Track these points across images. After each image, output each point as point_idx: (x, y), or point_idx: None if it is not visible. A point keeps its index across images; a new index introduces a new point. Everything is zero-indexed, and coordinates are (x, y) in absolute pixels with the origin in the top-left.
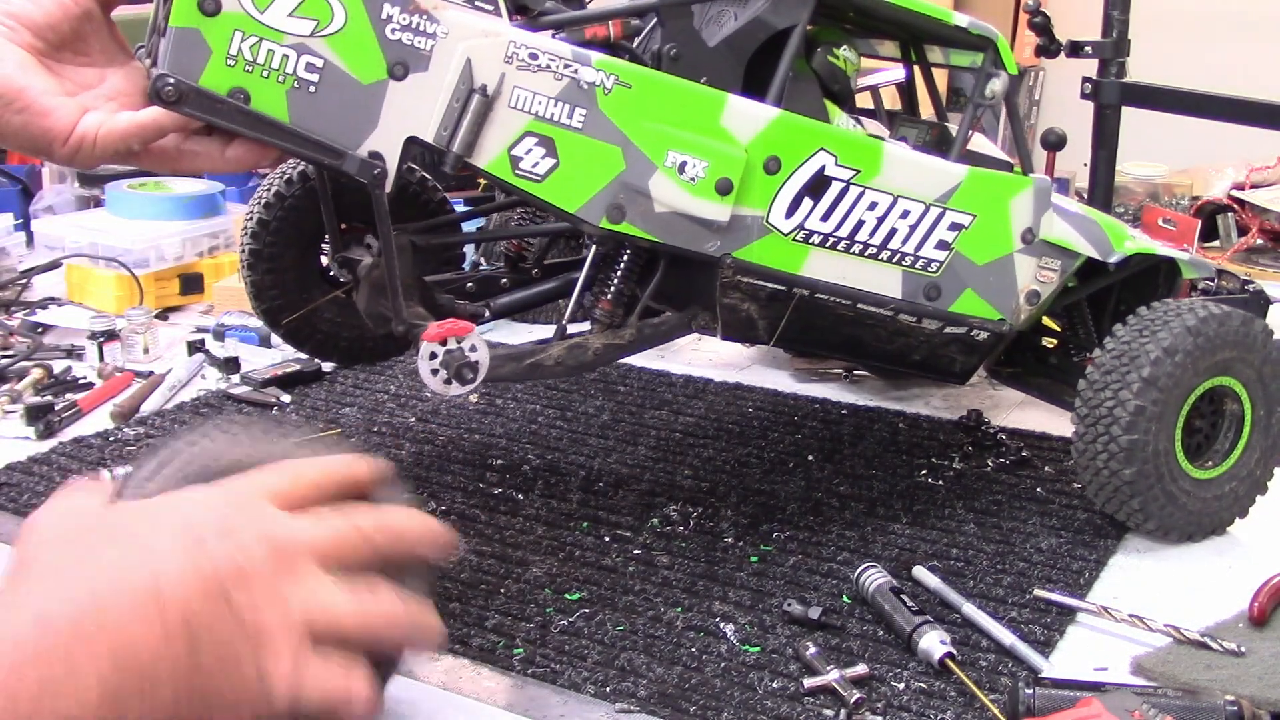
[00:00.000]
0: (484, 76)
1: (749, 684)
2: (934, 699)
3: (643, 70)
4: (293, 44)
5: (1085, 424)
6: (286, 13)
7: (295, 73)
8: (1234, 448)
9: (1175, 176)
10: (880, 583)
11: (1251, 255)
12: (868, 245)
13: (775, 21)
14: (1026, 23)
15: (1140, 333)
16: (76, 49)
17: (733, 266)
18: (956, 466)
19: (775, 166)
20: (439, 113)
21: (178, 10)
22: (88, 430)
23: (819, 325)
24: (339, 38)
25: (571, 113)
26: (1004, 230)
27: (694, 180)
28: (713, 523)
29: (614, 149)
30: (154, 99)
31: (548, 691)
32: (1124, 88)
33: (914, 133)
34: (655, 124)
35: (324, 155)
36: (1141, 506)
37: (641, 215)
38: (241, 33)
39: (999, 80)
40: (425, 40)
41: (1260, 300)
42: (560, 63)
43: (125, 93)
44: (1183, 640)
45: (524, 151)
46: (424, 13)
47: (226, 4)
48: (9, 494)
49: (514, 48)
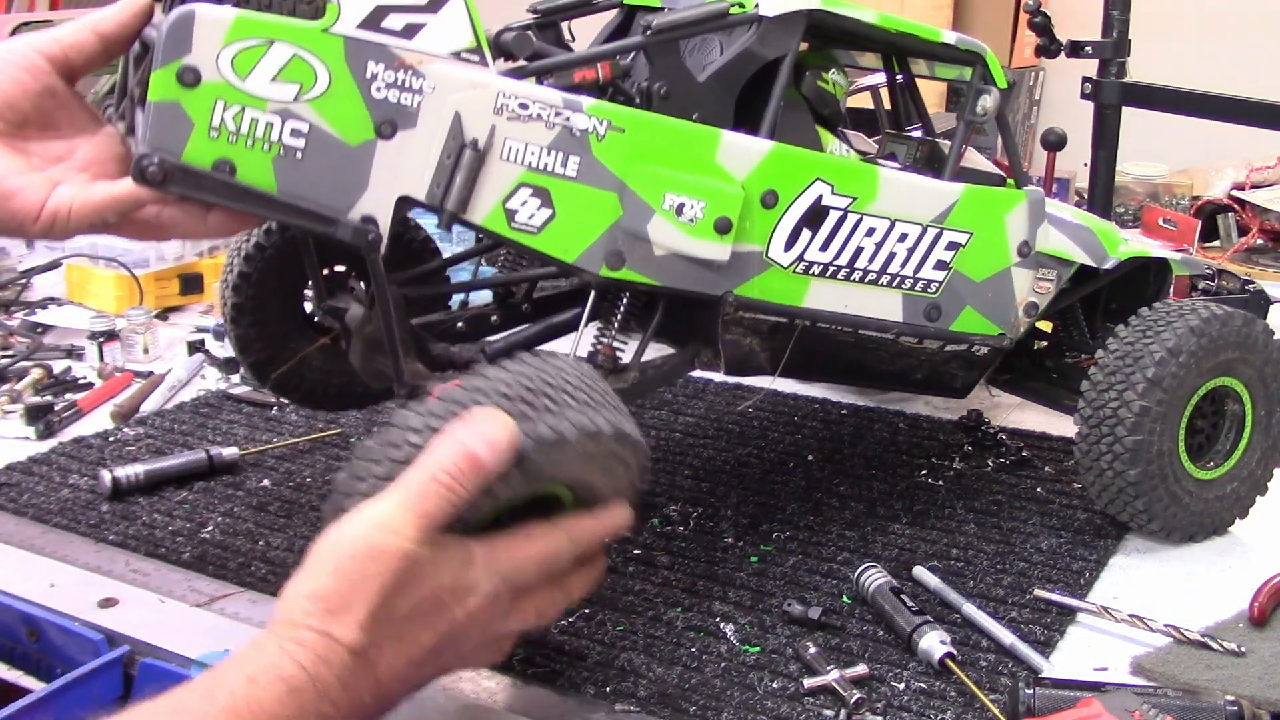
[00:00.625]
0: (474, 130)
1: (749, 684)
2: (934, 699)
3: (635, 113)
4: (277, 110)
5: (1089, 425)
6: (269, 79)
7: (280, 140)
8: (1235, 448)
9: (1175, 176)
10: (880, 583)
11: (1251, 255)
12: (868, 271)
13: (764, 53)
14: (1026, 23)
15: (1144, 333)
16: (41, 124)
17: (734, 304)
18: (956, 466)
19: (773, 200)
20: (430, 170)
21: (156, 84)
22: (88, 430)
23: (822, 353)
24: (323, 100)
25: (565, 161)
26: (1001, 245)
27: (692, 221)
28: (713, 523)
29: (610, 195)
30: (138, 180)
31: (548, 691)
32: (1124, 88)
33: (904, 149)
34: (651, 167)
35: (316, 224)
36: (1145, 507)
37: (641, 260)
38: (223, 102)
39: (990, 97)
40: (412, 96)
41: (1260, 300)
42: (551, 111)
43: (97, 161)
44: (1183, 640)
45: (519, 204)
46: (409, 69)
47: (206, 74)
48: (9, 494)
49: (503, 98)
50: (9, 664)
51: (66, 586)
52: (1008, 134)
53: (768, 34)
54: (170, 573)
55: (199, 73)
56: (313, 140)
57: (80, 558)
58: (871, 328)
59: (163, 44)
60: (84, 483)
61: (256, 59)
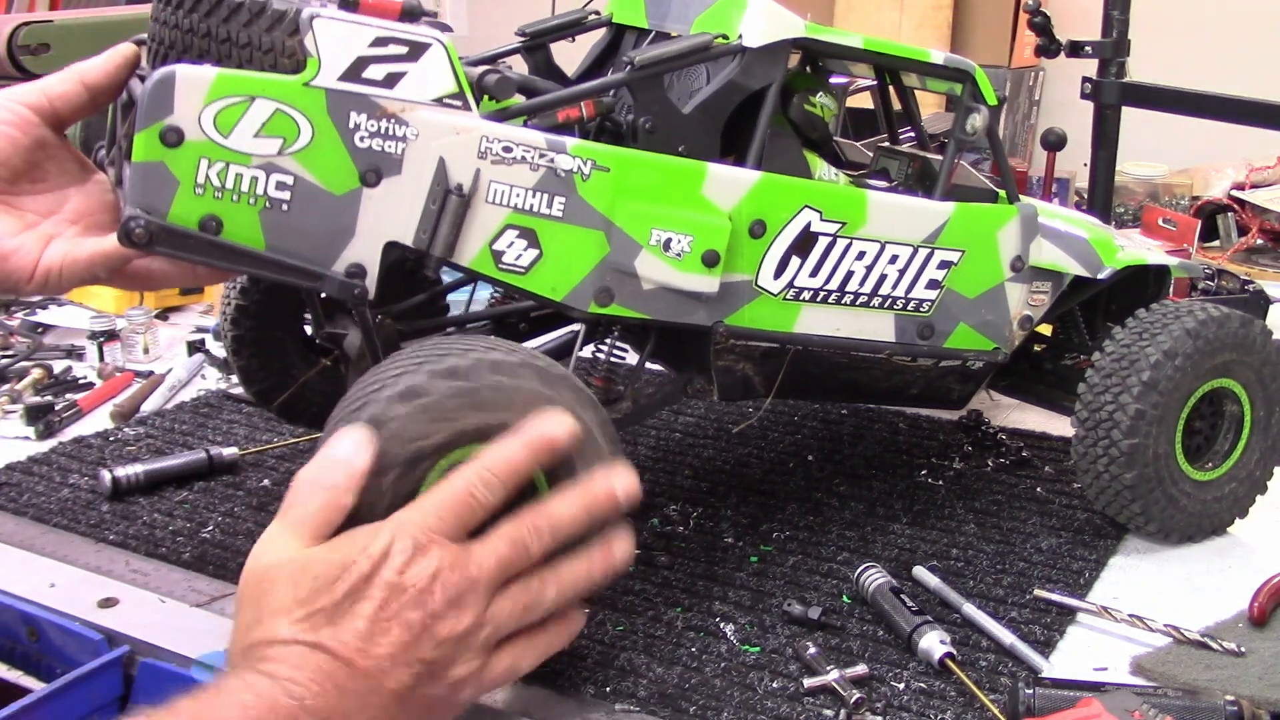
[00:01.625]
0: (459, 175)
1: (749, 684)
2: (934, 699)
3: (619, 152)
4: (261, 164)
5: (1085, 427)
6: (252, 134)
7: (266, 193)
8: (1233, 449)
9: (1175, 176)
10: (880, 583)
11: (1251, 255)
12: (859, 295)
13: (749, 84)
14: (1026, 23)
15: (1140, 336)
16: (33, 178)
17: (725, 333)
18: (956, 466)
19: (761, 230)
20: (416, 215)
21: (139, 146)
22: (88, 430)
23: (815, 375)
24: (307, 153)
25: (551, 202)
26: (993, 262)
27: (680, 256)
28: (713, 523)
29: (597, 234)
30: (124, 242)
31: (548, 691)
32: (1124, 88)
33: (895, 165)
34: (637, 204)
35: (303, 279)
36: (1142, 509)
37: (629, 295)
38: (207, 160)
39: (979, 115)
40: (396, 144)
41: (1260, 301)
42: (535, 153)
43: (88, 212)
44: (1183, 640)
45: (506, 245)
46: (392, 117)
47: (189, 133)
48: (9, 494)
49: (486, 142)
50: (9, 664)
51: (66, 586)
52: (999, 150)
53: (752, 65)
54: (170, 573)
55: (182, 132)
56: (298, 192)
57: (80, 558)
58: (865, 350)
59: (145, 106)
60: (84, 483)
61: (239, 116)
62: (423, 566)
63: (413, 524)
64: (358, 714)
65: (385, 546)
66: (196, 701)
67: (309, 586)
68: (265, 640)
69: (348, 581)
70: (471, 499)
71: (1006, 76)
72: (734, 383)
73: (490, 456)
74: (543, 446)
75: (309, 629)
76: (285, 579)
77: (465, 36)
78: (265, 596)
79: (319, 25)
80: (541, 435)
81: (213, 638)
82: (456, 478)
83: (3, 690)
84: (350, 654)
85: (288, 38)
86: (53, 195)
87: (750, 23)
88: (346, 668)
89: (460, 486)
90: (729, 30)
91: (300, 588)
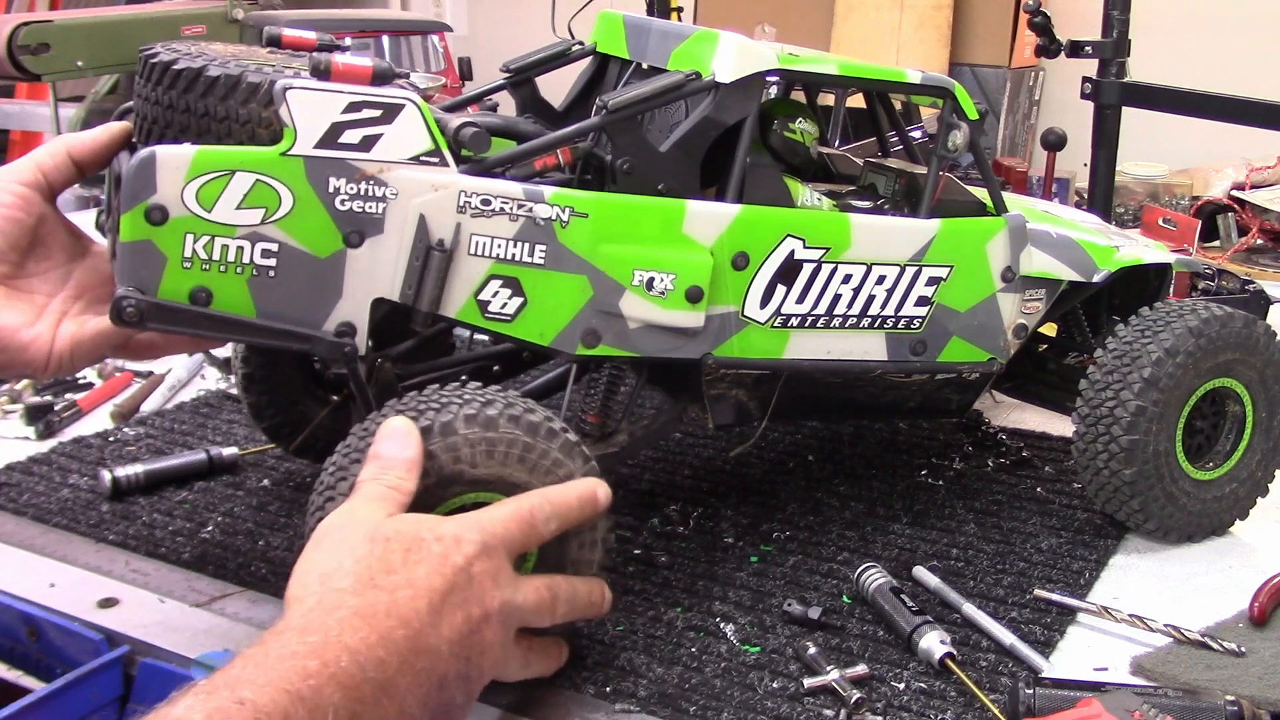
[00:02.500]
0: (440, 230)
1: (749, 684)
2: (934, 699)
3: (597, 197)
4: (246, 234)
5: (1086, 424)
6: (234, 206)
7: (253, 261)
8: (1235, 449)
9: (1175, 176)
10: (880, 583)
11: (1252, 255)
12: (847, 317)
13: (724, 119)
14: (1026, 23)
15: (1142, 333)
16: (38, 255)
17: (715, 365)
18: (956, 466)
19: (744, 262)
20: (401, 272)
21: (126, 226)
22: (88, 430)
23: (810, 396)
24: (290, 219)
25: (532, 250)
26: (984, 274)
27: (664, 294)
28: (713, 523)
29: (580, 278)
30: (116, 322)
31: (548, 692)
32: (1124, 88)
33: (883, 180)
34: (617, 246)
35: (293, 342)
36: (1141, 507)
37: (616, 335)
38: (193, 234)
39: (960, 133)
40: (377, 204)
41: (1261, 300)
42: (514, 204)
43: (91, 285)
44: (1183, 640)
45: (491, 295)
46: (371, 178)
47: (173, 210)
48: (9, 494)
49: (465, 196)
50: (9, 664)
51: (66, 586)
52: (983, 163)
53: (725, 100)
54: (170, 573)
55: (166, 210)
56: (284, 258)
57: (80, 558)
58: (856, 370)
59: (128, 188)
60: (84, 483)
61: (220, 190)
62: (488, 564)
63: (481, 525)
64: (409, 693)
65: (457, 534)
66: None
67: (384, 547)
68: (342, 589)
69: (424, 555)
70: (534, 522)
71: (1006, 76)
72: (729, 410)
73: (551, 492)
74: (589, 503)
75: (388, 588)
76: (363, 535)
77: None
78: (343, 544)
79: (292, 96)
80: (592, 495)
81: (213, 637)
82: (523, 499)
83: (3, 690)
84: (422, 627)
85: (264, 109)
86: (58, 271)
87: (722, 59)
88: (413, 640)
89: (526, 507)
90: (702, 65)
91: (376, 545)
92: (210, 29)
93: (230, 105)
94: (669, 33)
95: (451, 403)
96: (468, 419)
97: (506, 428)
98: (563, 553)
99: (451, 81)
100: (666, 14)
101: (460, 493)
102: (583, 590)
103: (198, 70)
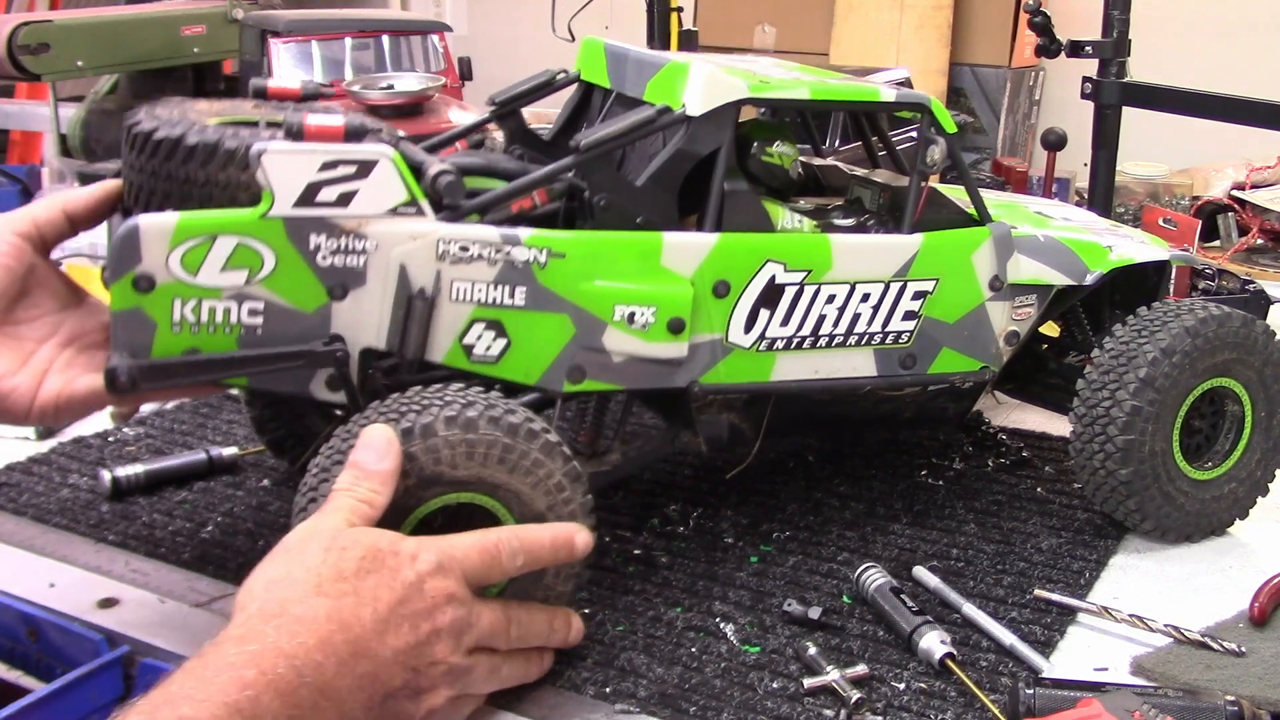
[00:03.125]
0: (420, 279)
1: (749, 684)
2: (934, 699)
3: (574, 237)
4: (232, 296)
5: (1083, 424)
6: (218, 269)
7: (240, 321)
8: (1234, 449)
9: (1175, 176)
10: (880, 583)
11: (1252, 255)
12: (834, 336)
13: (697, 150)
14: (1026, 23)
15: (1139, 333)
16: (28, 303)
17: (702, 392)
18: (956, 466)
19: (725, 290)
20: (385, 321)
21: (115, 296)
22: (88, 430)
23: (803, 415)
24: (274, 278)
25: (513, 292)
26: (970, 285)
27: (646, 327)
28: (713, 523)
29: (562, 317)
30: (110, 389)
31: (548, 691)
32: (1124, 88)
33: (868, 194)
34: (597, 283)
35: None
36: (1138, 507)
37: (601, 369)
38: (180, 299)
39: (938, 148)
40: (357, 257)
41: (1260, 300)
42: (491, 248)
43: (84, 332)
44: (1183, 640)
45: (475, 338)
46: (350, 233)
47: (160, 278)
48: (9, 494)
49: (444, 244)
50: (9, 664)
51: (66, 586)
52: (964, 173)
53: (697, 132)
54: (170, 573)
55: (152, 279)
56: (270, 315)
57: (80, 558)
58: (846, 387)
59: (114, 259)
60: (84, 483)
61: (204, 255)
62: (441, 584)
63: (440, 547)
64: (350, 696)
65: (414, 551)
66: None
67: (338, 555)
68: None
69: (376, 566)
70: (498, 555)
71: (1006, 76)
72: (721, 432)
73: (523, 530)
74: (564, 547)
75: (333, 594)
76: (319, 545)
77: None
78: (296, 554)
79: (267, 160)
80: (568, 540)
81: (212, 637)
82: (491, 533)
83: (3, 690)
84: (364, 633)
85: (241, 173)
86: (48, 319)
87: (692, 91)
88: (353, 644)
89: (492, 539)
90: (674, 97)
91: (331, 554)
92: (210, 29)
93: (210, 171)
94: (644, 62)
95: (432, 404)
96: (448, 421)
97: (487, 429)
98: (537, 578)
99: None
100: (667, 14)
101: (441, 493)
102: (541, 620)
103: (177, 139)
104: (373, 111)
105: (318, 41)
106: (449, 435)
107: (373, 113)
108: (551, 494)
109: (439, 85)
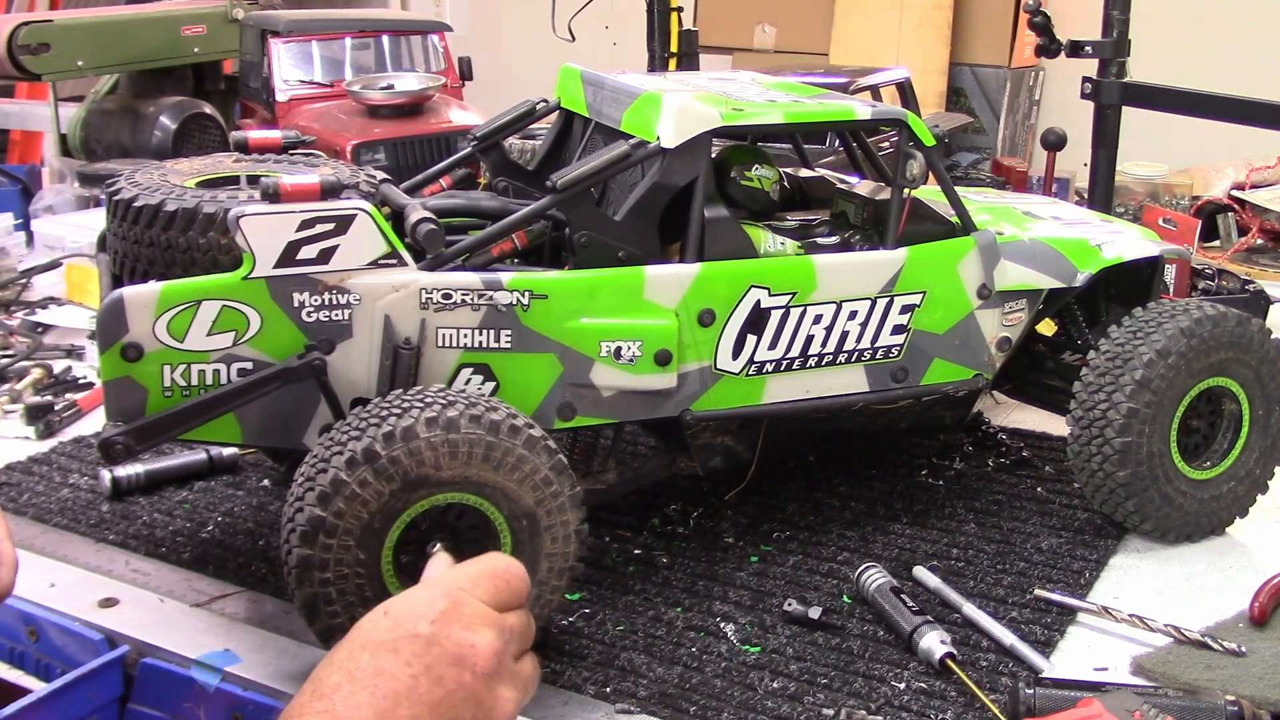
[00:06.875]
0: (405, 328)
1: (749, 684)
2: (934, 699)
3: (554, 278)
4: (220, 358)
5: (1080, 426)
6: (204, 333)
7: (230, 381)
8: (1232, 448)
9: (1175, 176)
10: (880, 583)
11: (1252, 255)
12: (822, 355)
13: (674, 181)
14: (1026, 23)
15: (1134, 335)
16: None
17: (693, 420)
18: (956, 466)
19: (710, 319)
20: (374, 372)
21: (105, 366)
22: (88, 430)
23: (798, 433)
24: (260, 338)
25: (498, 336)
26: (958, 295)
27: (632, 361)
28: (713, 523)
29: (548, 356)
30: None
31: (548, 691)
32: (1124, 88)
33: (853, 208)
34: (581, 321)
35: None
36: (1137, 508)
37: (591, 405)
38: (169, 365)
39: (916, 162)
40: (342, 311)
41: (1260, 300)
42: (474, 294)
43: None
44: (1183, 640)
45: (464, 382)
46: (333, 288)
47: (148, 346)
48: (9, 494)
49: (426, 293)
50: (9, 664)
51: (66, 586)
52: (945, 184)
53: (673, 164)
54: (170, 573)
55: (140, 347)
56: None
57: (80, 558)
58: (838, 404)
59: (101, 330)
60: (84, 483)
61: (190, 320)
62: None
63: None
64: None
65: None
66: None
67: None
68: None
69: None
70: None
71: (1006, 76)
72: (717, 455)
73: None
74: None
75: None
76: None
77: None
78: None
79: (245, 223)
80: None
81: (213, 637)
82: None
83: (3, 690)
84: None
85: (222, 238)
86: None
87: (665, 124)
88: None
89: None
90: (648, 129)
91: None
92: (210, 29)
93: (191, 236)
94: (620, 91)
95: (413, 407)
96: (429, 422)
97: (468, 428)
98: (532, 575)
99: (451, 81)
100: (667, 14)
101: (428, 495)
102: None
103: (156, 206)
104: (373, 111)
105: (318, 41)
106: (431, 437)
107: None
108: (539, 488)
109: (439, 85)
